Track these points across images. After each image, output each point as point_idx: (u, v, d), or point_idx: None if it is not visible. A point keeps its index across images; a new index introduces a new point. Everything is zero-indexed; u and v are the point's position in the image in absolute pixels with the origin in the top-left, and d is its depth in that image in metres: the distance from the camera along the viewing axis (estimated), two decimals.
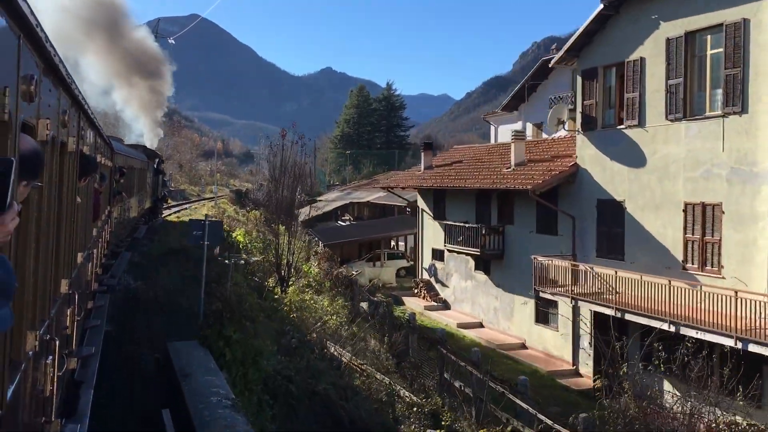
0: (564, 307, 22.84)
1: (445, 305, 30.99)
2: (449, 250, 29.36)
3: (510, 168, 25.96)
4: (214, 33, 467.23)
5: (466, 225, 27.67)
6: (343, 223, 54.80)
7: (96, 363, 7.42)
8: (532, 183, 23.00)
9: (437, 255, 32.14)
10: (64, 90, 4.28)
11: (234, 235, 31.68)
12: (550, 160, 24.68)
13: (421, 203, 33.60)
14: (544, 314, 24.60)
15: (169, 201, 53.10)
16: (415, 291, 32.83)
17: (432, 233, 32.47)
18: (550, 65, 23.85)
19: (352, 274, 34.10)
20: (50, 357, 3.78)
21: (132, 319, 15.99)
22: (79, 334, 6.54)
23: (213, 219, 19.43)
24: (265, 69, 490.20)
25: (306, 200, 73.64)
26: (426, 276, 33.05)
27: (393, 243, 43.57)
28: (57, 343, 3.94)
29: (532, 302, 25.06)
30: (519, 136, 26.07)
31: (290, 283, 25.47)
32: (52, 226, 4.12)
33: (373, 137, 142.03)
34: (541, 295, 22.09)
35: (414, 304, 31.58)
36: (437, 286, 32.00)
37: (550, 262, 22.00)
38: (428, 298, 31.57)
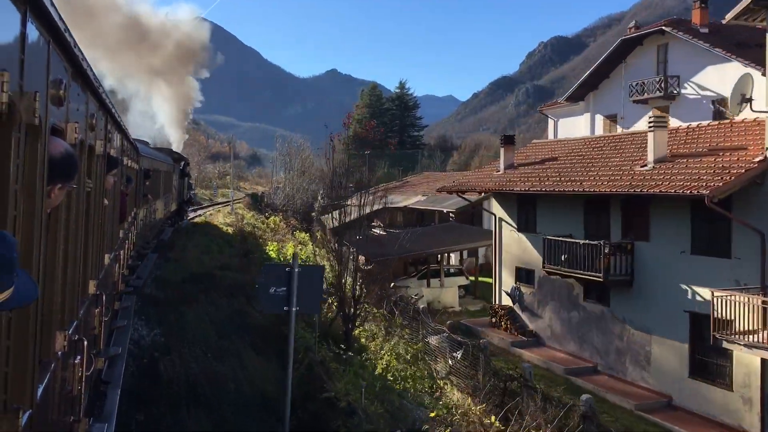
0: (744, 358, 16.15)
1: (537, 341, 24.22)
2: (549, 273, 22.59)
3: (647, 165, 19.21)
4: (218, 35, 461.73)
5: (580, 242, 20.90)
6: (380, 232, 48.01)
7: (123, 363, 7.24)
8: (699, 186, 16.25)
9: (524, 276, 25.39)
10: (91, 94, 4.29)
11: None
12: (709, 155, 17.95)
13: (498, 211, 26.85)
14: (705, 365, 17.85)
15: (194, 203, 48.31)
16: (493, 320, 26.05)
17: (516, 249, 25.73)
18: (725, 21, 17.07)
19: (412, 298, 27.47)
20: (78, 357, 3.79)
21: (152, 420, 9.48)
22: (106, 335, 6.42)
23: (304, 262, 12.94)
24: (270, 71, 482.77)
25: (330, 204, 66.92)
26: (506, 301, 26.31)
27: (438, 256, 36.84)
28: (85, 343, 3.93)
29: (684, 347, 18.33)
30: (660, 122, 19.24)
31: (356, 323, 18.84)
32: (80, 227, 4.11)
33: (386, 137, 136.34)
34: (726, 345, 15.35)
35: (495, 337, 24.83)
36: (523, 316, 25.24)
37: (736, 297, 15.28)
38: (513, 332, 24.80)
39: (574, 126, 40.46)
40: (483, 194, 32.19)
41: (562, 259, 21.81)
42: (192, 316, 16.01)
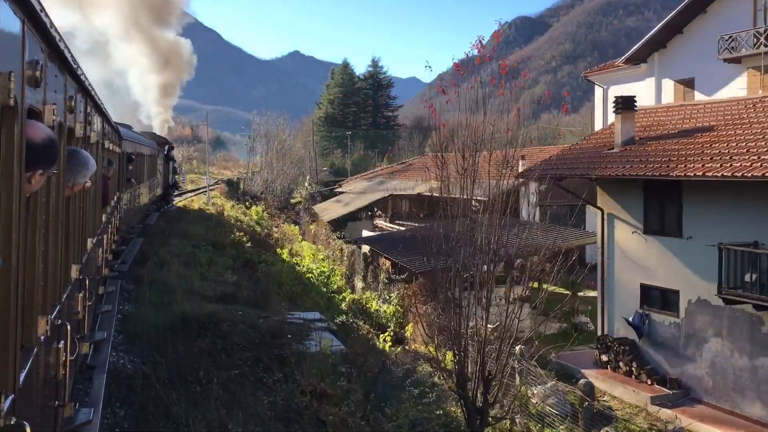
0: None
1: (685, 394, 16.36)
2: (730, 301, 14.66)
3: None
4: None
5: None
6: (389, 225, 39.53)
7: (108, 348, 7.00)
8: None
9: (657, 299, 17.46)
10: (70, 75, 4.16)
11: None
12: None
13: (607, 203, 18.82)
14: None
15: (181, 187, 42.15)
16: (604, 359, 18.13)
17: (640, 258, 17.75)
18: None
19: (481, 323, 19.32)
20: (62, 342, 3.71)
21: None
22: (90, 320, 6.14)
23: None
24: (231, 53, 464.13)
25: (318, 192, 57.85)
26: (621, 331, 18.36)
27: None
28: (69, 327, 3.82)
29: None
30: None
31: (490, 419, 10.59)
32: (61, 211, 3.99)
33: (359, 118, 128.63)
34: None
35: (614, 388, 16.96)
36: (656, 356, 17.33)
37: None
38: (644, 378, 16.88)
39: (632, 93, 32.66)
40: (520, 180, 24.29)
41: (749, 279, 13.95)
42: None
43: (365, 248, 31.80)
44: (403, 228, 35.98)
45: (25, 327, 2.69)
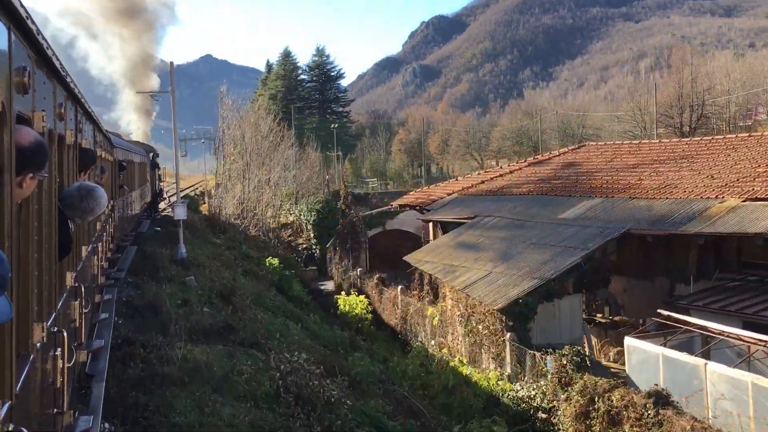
0: None
1: None
2: None
3: None
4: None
5: None
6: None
7: (106, 356, 6.86)
8: None
9: None
10: (59, 83, 3.99)
11: None
12: None
13: None
14: None
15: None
16: None
17: None
18: None
19: None
20: (59, 349, 3.55)
21: None
22: (87, 327, 5.97)
23: None
24: None
25: (361, 218, 31.70)
26: None
27: None
28: (65, 335, 3.64)
29: None
30: None
31: None
32: (54, 219, 3.82)
33: (305, 115, 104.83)
34: None
35: None
36: None
37: None
38: None
39: None
40: None
41: None
42: None
43: None
44: None
45: (20, 334, 2.60)
